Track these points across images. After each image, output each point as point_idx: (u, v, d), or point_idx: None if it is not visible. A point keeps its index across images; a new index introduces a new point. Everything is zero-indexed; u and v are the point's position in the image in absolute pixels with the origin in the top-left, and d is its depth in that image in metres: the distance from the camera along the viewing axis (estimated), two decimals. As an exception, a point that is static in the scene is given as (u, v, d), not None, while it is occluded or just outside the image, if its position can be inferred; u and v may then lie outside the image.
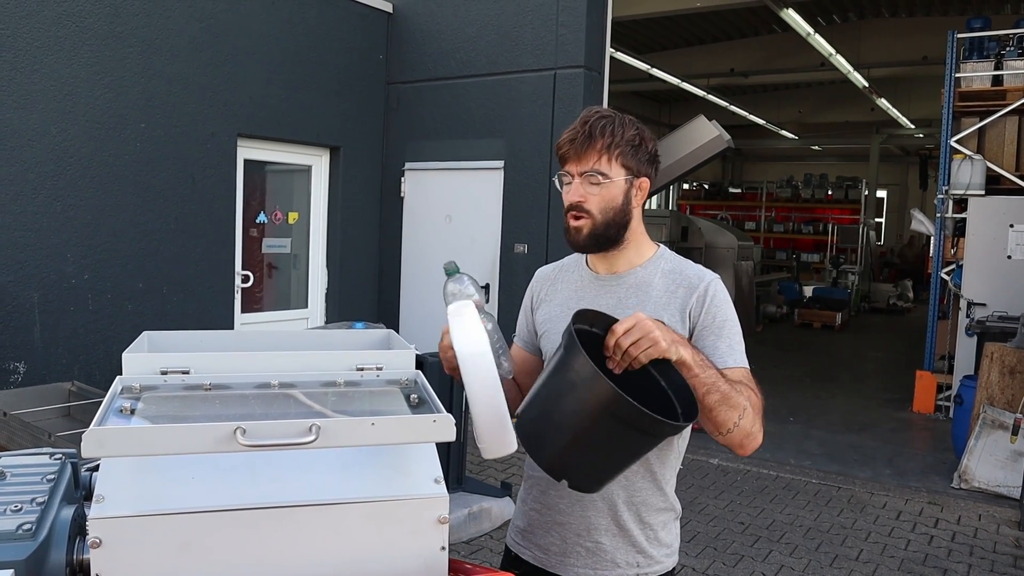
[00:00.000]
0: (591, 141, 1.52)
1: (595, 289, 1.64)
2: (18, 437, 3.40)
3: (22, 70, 4.59)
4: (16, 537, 0.97)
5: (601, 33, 6.22)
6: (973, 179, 6.95)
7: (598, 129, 1.52)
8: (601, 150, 1.52)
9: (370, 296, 7.12)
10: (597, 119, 1.53)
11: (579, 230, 1.55)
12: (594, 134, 1.52)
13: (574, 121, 1.58)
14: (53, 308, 4.82)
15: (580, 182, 1.53)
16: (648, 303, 1.57)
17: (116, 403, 1.08)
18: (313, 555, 1.05)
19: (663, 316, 1.55)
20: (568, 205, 1.55)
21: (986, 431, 5.35)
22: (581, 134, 1.52)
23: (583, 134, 1.52)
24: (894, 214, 22.51)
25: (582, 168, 1.53)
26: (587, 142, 1.52)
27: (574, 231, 1.56)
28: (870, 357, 10.82)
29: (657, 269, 1.62)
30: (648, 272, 1.62)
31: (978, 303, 6.88)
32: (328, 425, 1.00)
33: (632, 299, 1.59)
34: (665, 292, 1.58)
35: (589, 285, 1.65)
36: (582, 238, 1.55)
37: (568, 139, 1.54)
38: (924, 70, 12.93)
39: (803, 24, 10.56)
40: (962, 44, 7.36)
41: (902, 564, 4.17)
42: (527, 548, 1.66)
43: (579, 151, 1.52)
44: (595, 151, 1.52)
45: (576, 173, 1.54)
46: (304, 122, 6.29)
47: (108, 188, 5.05)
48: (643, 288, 1.59)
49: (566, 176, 1.56)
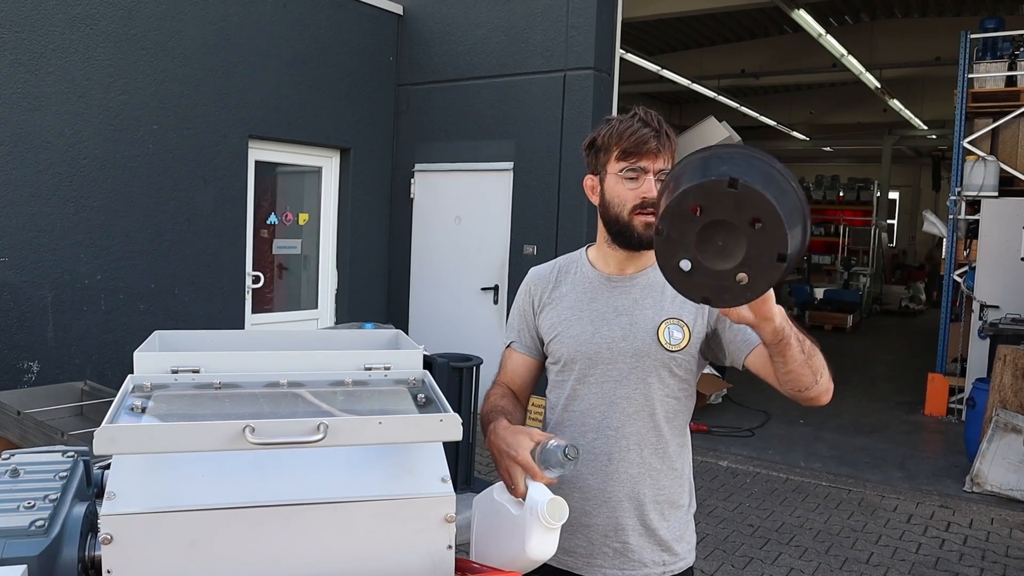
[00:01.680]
0: (668, 140, 1.55)
1: (608, 291, 1.63)
2: (31, 435, 3.44)
3: (36, 72, 4.64)
4: (29, 533, 0.98)
5: (611, 34, 6.21)
6: (986, 180, 6.90)
7: (669, 129, 1.56)
8: (671, 150, 1.56)
9: (380, 297, 7.14)
10: (660, 120, 1.57)
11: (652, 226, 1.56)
12: (669, 135, 1.55)
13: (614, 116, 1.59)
14: (66, 308, 4.86)
15: (654, 179, 1.54)
16: (665, 303, 1.59)
17: (128, 401, 1.10)
18: (321, 553, 1.06)
19: (682, 315, 1.58)
20: (644, 201, 1.53)
21: (999, 434, 5.31)
22: (660, 132, 1.54)
23: (663, 133, 1.54)
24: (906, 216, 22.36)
25: (659, 166, 1.54)
26: (666, 141, 1.55)
27: (650, 227, 1.54)
28: (882, 359, 10.75)
29: None
30: (659, 272, 1.62)
31: (991, 305, 6.83)
32: (336, 424, 1.01)
33: (648, 299, 1.61)
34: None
35: (600, 286, 1.64)
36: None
37: (649, 135, 1.53)
38: (937, 71, 12.83)
39: (815, 25, 10.51)
40: (975, 44, 7.31)
41: (913, 568, 4.14)
42: None
43: (659, 148, 1.53)
44: (668, 151, 1.55)
45: (653, 170, 1.54)
46: (315, 124, 6.31)
47: (121, 189, 5.10)
48: (657, 288, 1.61)
49: (637, 171, 1.54)
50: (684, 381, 1.61)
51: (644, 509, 1.58)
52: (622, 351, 1.58)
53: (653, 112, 1.58)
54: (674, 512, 1.62)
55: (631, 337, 1.58)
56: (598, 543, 1.59)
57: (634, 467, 1.58)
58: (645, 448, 1.59)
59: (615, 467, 1.58)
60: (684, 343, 1.57)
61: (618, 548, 1.58)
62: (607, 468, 1.58)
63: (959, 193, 7.16)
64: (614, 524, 1.58)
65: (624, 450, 1.58)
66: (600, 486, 1.59)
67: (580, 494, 1.59)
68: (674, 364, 1.58)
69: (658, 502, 1.59)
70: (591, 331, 1.61)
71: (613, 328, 1.60)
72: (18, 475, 1.13)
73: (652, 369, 1.57)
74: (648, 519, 1.58)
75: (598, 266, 1.67)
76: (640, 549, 1.58)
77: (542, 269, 1.76)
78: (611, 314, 1.61)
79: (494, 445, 1.47)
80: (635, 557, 1.58)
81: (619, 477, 1.58)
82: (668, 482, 1.60)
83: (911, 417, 7.37)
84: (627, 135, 1.53)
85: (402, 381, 1.27)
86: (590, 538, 1.59)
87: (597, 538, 1.59)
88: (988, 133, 7.20)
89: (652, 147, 1.52)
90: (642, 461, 1.58)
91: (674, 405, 1.61)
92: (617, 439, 1.58)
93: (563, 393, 1.65)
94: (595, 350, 1.59)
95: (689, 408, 1.65)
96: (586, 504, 1.59)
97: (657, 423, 1.59)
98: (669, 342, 1.57)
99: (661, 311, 1.59)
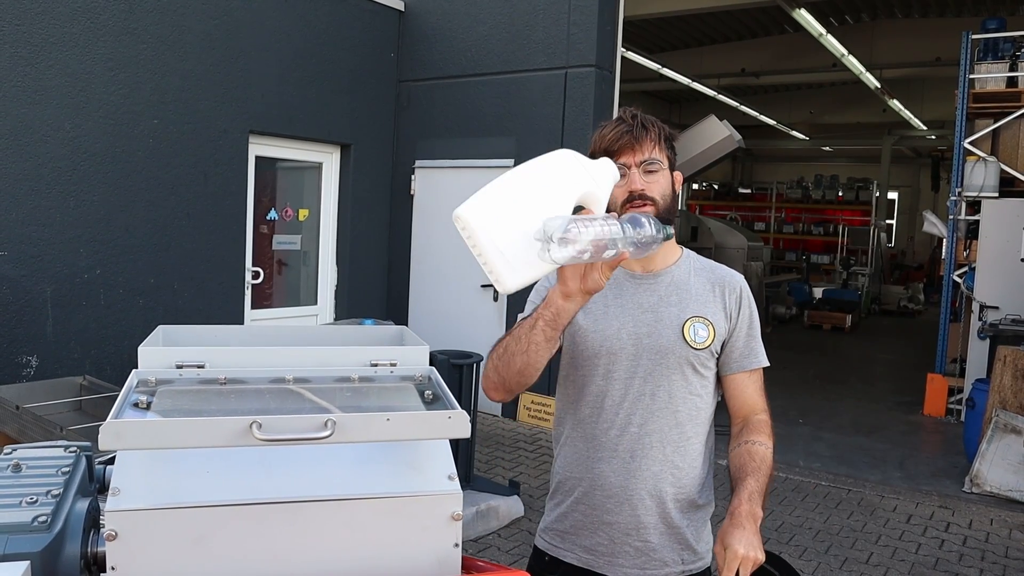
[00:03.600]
0: (645, 131, 1.55)
1: (633, 288, 1.63)
2: (30, 430, 3.43)
3: (37, 65, 4.62)
4: (31, 529, 0.97)
5: (612, 32, 6.20)
6: (987, 181, 6.90)
7: (647, 121, 1.57)
8: (654, 139, 1.56)
9: (379, 293, 7.13)
10: (636, 113, 1.58)
11: None
12: (646, 125, 1.56)
13: (604, 122, 1.61)
14: (65, 303, 4.85)
15: (639, 172, 1.55)
16: (690, 301, 1.61)
17: (132, 396, 1.08)
18: (326, 550, 1.05)
19: (707, 313, 1.59)
20: (630, 194, 1.54)
21: (998, 435, 5.31)
22: (634, 126, 1.55)
23: (637, 125, 1.55)
24: (905, 216, 22.37)
25: (639, 158, 1.55)
26: (643, 132, 1.55)
27: None
28: (880, 359, 10.76)
29: (690, 268, 1.66)
30: (682, 271, 1.65)
31: (991, 306, 6.83)
32: (344, 420, 1.00)
33: (673, 296, 1.61)
34: (703, 290, 1.63)
35: (626, 284, 1.64)
36: None
37: (623, 131, 1.55)
38: (937, 71, 12.84)
39: (815, 24, 10.50)
40: (976, 45, 7.31)
41: (912, 568, 4.14)
42: (570, 550, 1.63)
43: (636, 141, 1.54)
44: (650, 140, 1.56)
45: (634, 163, 1.55)
46: (315, 119, 6.30)
47: (121, 184, 5.08)
48: (681, 286, 1.62)
49: (621, 168, 1.54)
50: (707, 379, 1.62)
51: (666, 507, 1.58)
52: (647, 347, 1.58)
53: (631, 109, 1.60)
54: (695, 511, 1.62)
55: (656, 334, 1.58)
56: (619, 541, 1.58)
57: (656, 464, 1.58)
58: (668, 446, 1.58)
59: (637, 464, 1.57)
60: (709, 341, 1.58)
61: (639, 547, 1.58)
62: (629, 466, 1.57)
63: (959, 193, 7.16)
64: (636, 523, 1.57)
65: (647, 447, 1.57)
66: (623, 484, 1.58)
67: (602, 492, 1.58)
68: (698, 362, 1.58)
69: (679, 500, 1.59)
70: (616, 327, 1.60)
71: (639, 324, 1.59)
72: (20, 470, 1.12)
73: (676, 366, 1.57)
74: (670, 517, 1.58)
75: (625, 264, 1.67)
76: (661, 548, 1.58)
77: None
78: (636, 310, 1.61)
79: (551, 302, 1.36)
80: (656, 556, 1.58)
81: (641, 475, 1.57)
82: (689, 481, 1.60)
83: (910, 417, 7.38)
84: (606, 137, 1.56)
85: (408, 378, 1.25)
86: (612, 536, 1.59)
87: (619, 536, 1.58)
88: (989, 134, 7.19)
89: (627, 141, 1.54)
90: (664, 459, 1.58)
91: (697, 403, 1.61)
92: (640, 436, 1.58)
93: (584, 388, 1.63)
94: (620, 346, 1.59)
95: (711, 407, 1.65)
96: (608, 502, 1.58)
97: (680, 421, 1.59)
98: (694, 339, 1.57)
99: (686, 308, 1.60)
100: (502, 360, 1.49)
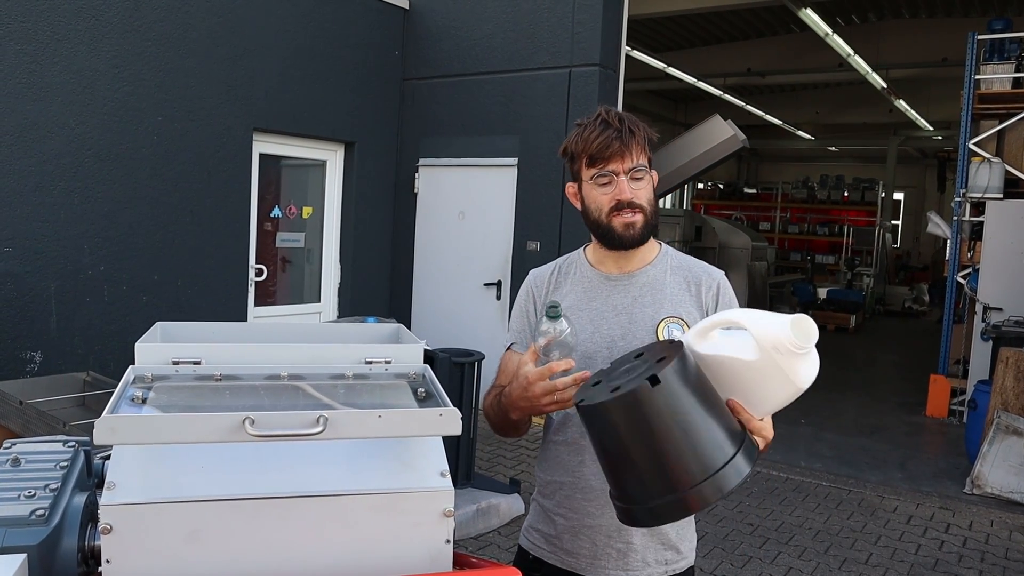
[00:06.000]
0: (633, 137, 1.53)
1: (607, 289, 1.63)
2: (33, 425, 3.45)
3: (41, 63, 4.64)
4: (29, 522, 0.99)
5: (617, 31, 6.20)
6: (991, 182, 6.89)
7: (633, 124, 1.54)
8: (640, 143, 1.54)
9: (382, 291, 7.15)
10: (621, 116, 1.55)
11: (634, 225, 1.55)
12: (633, 130, 1.53)
13: (583, 120, 1.58)
14: (69, 299, 4.87)
15: (627, 180, 1.53)
16: (665, 301, 1.59)
17: (128, 392, 1.10)
18: (319, 545, 1.07)
19: (681, 312, 1.58)
20: (619, 203, 1.53)
21: (1000, 436, 5.30)
22: (623, 131, 1.52)
23: (625, 131, 1.52)
24: (911, 216, 22.30)
25: (628, 165, 1.53)
26: (630, 138, 1.52)
27: (629, 227, 1.55)
28: (884, 360, 10.74)
29: (666, 266, 1.64)
30: (658, 270, 1.63)
31: (994, 307, 6.81)
32: (336, 417, 1.01)
33: (648, 297, 1.60)
34: (678, 289, 1.61)
35: (600, 286, 1.64)
36: (637, 233, 1.56)
37: (611, 137, 1.52)
38: (943, 72, 12.77)
39: (821, 24, 10.47)
40: (982, 45, 7.28)
41: (912, 569, 4.14)
42: (553, 553, 1.64)
43: (624, 148, 1.52)
44: (637, 145, 1.53)
45: (622, 171, 1.53)
46: (319, 117, 6.31)
47: (125, 181, 5.10)
48: (656, 287, 1.60)
49: (607, 175, 1.54)
50: None
51: None
52: (621, 350, 1.57)
53: (615, 110, 1.57)
54: None
55: (630, 336, 1.57)
56: (602, 544, 1.58)
57: None
58: None
59: None
60: None
61: (622, 549, 1.58)
62: None
63: (964, 194, 7.14)
64: (618, 525, 1.57)
65: None
66: (603, 487, 1.57)
67: (583, 495, 1.58)
68: None
69: None
70: (591, 330, 1.59)
71: (612, 327, 1.59)
72: (19, 464, 1.13)
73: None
74: None
75: (597, 265, 1.66)
76: (644, 549, 1.58)
77: (542, 271, 1.75)
78: (610, 313, 1.60)
79: (513, 395, 1.44)
80: (639, 557, 1.58)
81: None
82: None
83: (912, 418, 7.37)
84: (592, 141, 1.53)
85: (402, 375, 1.27)
86: (594, 539, 1.59)
87: (601, 539, 1.58)
88: (994, 135, 7.17)
89: (616, 149, 1.51)
90: None
91: None
92: None
93: None
94: (594, 349, 1.58)
95: None
96: (589, 506, 1.58)
97: None
98: None
99: (661, 309, 1.59)
100: (494, 411, 1.60)
